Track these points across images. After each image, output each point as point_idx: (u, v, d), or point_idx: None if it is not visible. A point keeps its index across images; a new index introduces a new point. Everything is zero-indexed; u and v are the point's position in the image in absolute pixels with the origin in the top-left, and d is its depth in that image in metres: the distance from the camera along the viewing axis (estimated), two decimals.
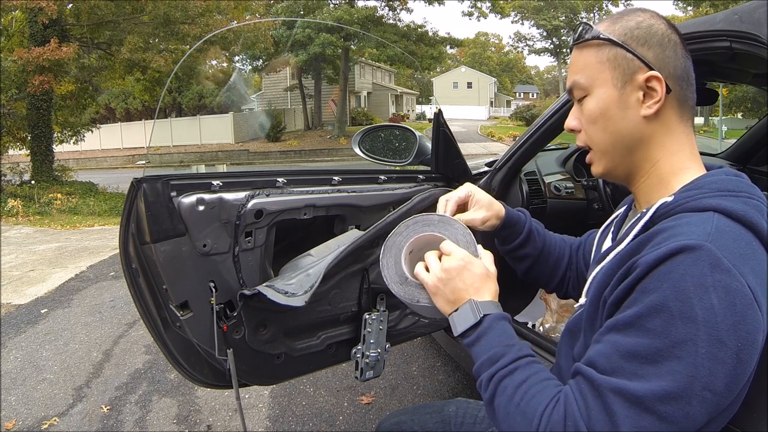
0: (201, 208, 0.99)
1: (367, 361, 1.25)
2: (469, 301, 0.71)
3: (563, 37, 36.32)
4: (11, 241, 6.22)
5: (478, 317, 0.70)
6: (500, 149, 17.21)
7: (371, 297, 1.27)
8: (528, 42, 43.91)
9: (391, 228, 0.82)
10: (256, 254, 1.10)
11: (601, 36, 0.69)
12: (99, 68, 13.20)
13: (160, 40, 13.18)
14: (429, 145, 1.45)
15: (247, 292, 1.04)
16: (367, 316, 1.25)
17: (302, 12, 21.28)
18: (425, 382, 2.37)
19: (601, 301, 0.64)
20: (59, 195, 10.33)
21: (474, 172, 1.67)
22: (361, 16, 21.29)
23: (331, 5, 22.41)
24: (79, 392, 2.35)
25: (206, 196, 1.00)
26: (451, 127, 1.39)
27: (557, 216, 1.95)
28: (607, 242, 0.79)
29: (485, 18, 27.37)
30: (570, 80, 0.74)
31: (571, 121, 0.76)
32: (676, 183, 0.68)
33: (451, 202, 0.89)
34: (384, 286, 0.80)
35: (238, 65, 27.51)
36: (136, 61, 12.50)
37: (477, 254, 0.77)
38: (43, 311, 3.46)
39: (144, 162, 22.64)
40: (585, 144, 0.75)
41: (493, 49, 60.04)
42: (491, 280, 0.74)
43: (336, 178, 1.21)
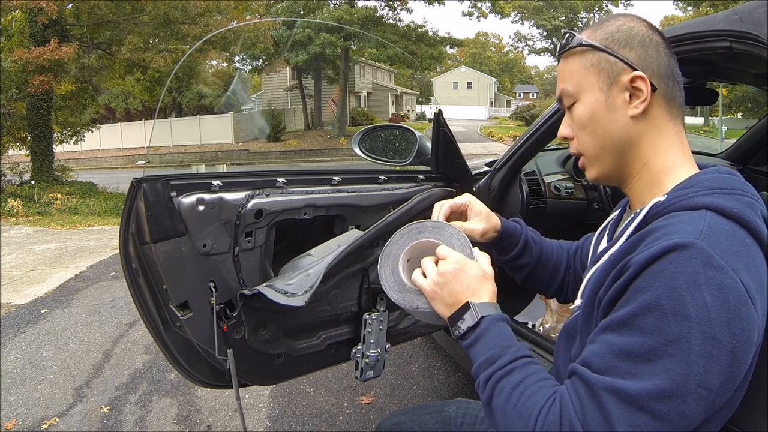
0: (201, 208, 0.99)
1: (367, 361, 1.25)
2: (466, 303, 0.71)
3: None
4: (11, 241, 6.22)
5: (476, 319, 0.70)
6: (500, 149, 17.21)
7: (371, 297, 1.28)
8: (528, 42, 44.01)
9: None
10: (256, 254, 1.10)
11: (584, 42, 0.71)
12: (99, 68, 13.19)
13: (160, 40, 13.17)
14: (429, 145, 1.45)
15: (247, 292, 1.04)
16: (367, 316, 1.25)
17: (302, 12, 21.28)
18: (425, 382, 2.37)
19: (595, 302, 0.65)
20: (59, 195, 10.33)
21: (474, 172, 1.67)
22: (361, 16, 21.28)
23: (331, 5, 22.40)
24: (79, 392, 2.35)
25: (206, 196, 1.00)
26: (451, 127, 1.39)
27: (557, 216, 1.95)
28: (603, 244, 0.79)
29: (485, 18, 27.35)
30: (559, 89, 0.76)
31: (564, 129, 0.77)
32: (668, 182, 0.68)
33: (445, 206, 0.90)
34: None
35: (238, 66, 27.52)
36: (136, 61, 12.49)
37: (473, 257, 0.77)
38: (43, 311, 3.46)
39: (144, 162, 22.64)
40: (577, 150, 0.76)
41: (493, 49, 60.08)
42: (488, 281, 0.74)
43: (336, 178, 1.21)
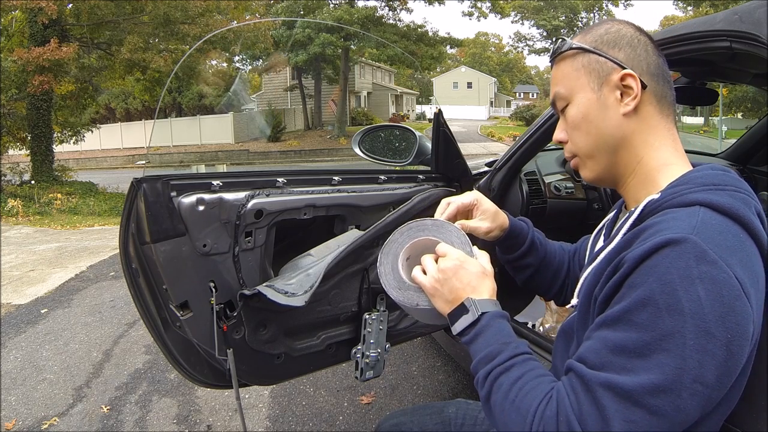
0: (201, 208, 0.99)
1: (367, 361, 1.25)
2: (467, 299, 0.71)
3: (563, 37, 36.24)
4: (11, 241, 6.22)
5: (476, 315, 0.70)
6: (500, 149, 17.21)
7: (371, 297, 1.28)
8: (528, 42, 43.95)
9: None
10: (256, 254, 1.10)
11: (574, 46, 0.73)
12: (99, 68, 13.19)
13: (160, 40, 13.17)
14: (429, 145, 1.45)
15: (247, 292, 1.04)
16: (367, 316, 1.25)
17: (302, 12, 21.27)
18: (425, 382, 2.37)
19: (591, 300, 0.65)
20: (59, 195, 10.32)
21: (474, 172, 1.67)
22: (361, 16, 21.27)
23: (331, 5, 22.39)
24: (79, 392, 2.35)
25: (206, 196, 1.00)
26: (451, 127, 1.39)
27: (557, 216, 1.95)
28: (599, 244, 0.80)
29: (485, 18, 27.33)
30: (552, 93, 0.77)
31: (559, 133, 0.78)
32: (662, 179, 0.68)
33: (452, 206, 0.89)
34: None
35: (238, 66, 27.53)
36: (136, 61, 12.48)
37: (472, 254, 0.77)
38: (43, 311, 3.45)
39: (144, 162, 22.64)
40: (572, 153, 0.77)
41: (493, 49, 60.06)
42: (488, 278, 0.75)
43: (336, 178, 1.21)
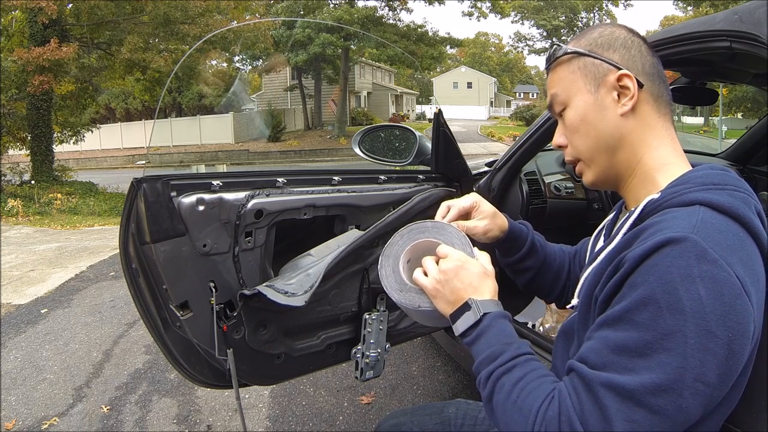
0: (201, 208, 0.99)
1: (367, 361, 1.25)
2: (468, 300, 0.71)
3: (563, 37, 36.27)
4: (11, 241, 6.22)
5: (478, 316, 0.70)
6: (500, 149, 17.21)
7: (371, 297, 1.28)
8: (528, 42, 43.91)
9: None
10: (256, 254, 1.10)
11: (569, 51, 0.74)
12: (99, 68, 13.19)
13: (160, 40, 13.17)
14: (429, 145, 1.45)
15: (247, 292, 1.04)
16: (367, 316, 1.25)
17: (302, 12, 21.27)
18: (425, 382, 2.37)
19: (592, 300, 0.65)
20: (59, 195, 10.32)
21: (474, 172, 1.67)
22: (361, 16, 21.27)
23: (331, 5, 22.39)
24: (79, 392, 2.35)
25: (206, 196, 1.00)
26: (451, 127, 1.39)
27: (557, 216, 1.95)
28: (600, 244, 0.80)
29: (485, 18, 27.35)
30: (549, 97, 0.78)
31: (558, 138, 0.78)
32: (661, 179, 0.69)
33: (453, 209, 0.89)
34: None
35: (238, 66, 27.51)
36: (136, 61, 12.48)
37: (473, 255, 0.77)
38: (43, 311, 3.45)
39: (144, 162, 22.64)
40: (572, 157, 0.77)
41: (493, 49, 60.05)
42: (489, 279, 0.75)
43: (336, 178, 1.21)
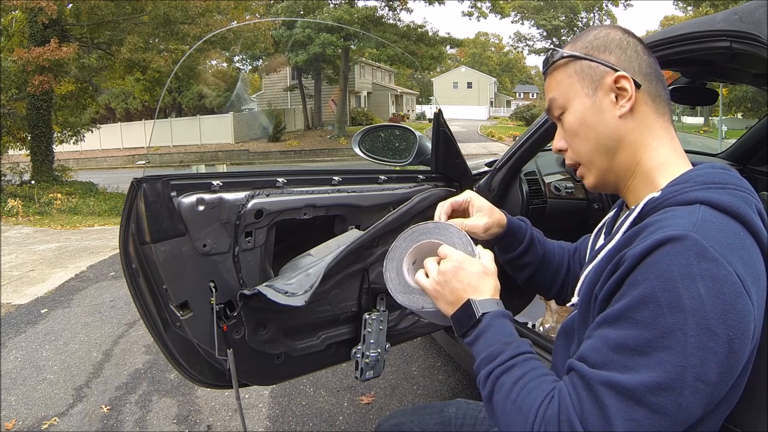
0: (201, 208, 0.99)
1: (367, 361, 1.25)
2: (468, 300, 0.71)
3: (563, 37, 36.26)
4: (11, 241, 6.22)
5: (477, 316, 0.70)
6: (500, 149, 17.21)
7: (371, 297, 1.27)
8: (528, 42, 43.88)
9: (391, 228, 0.83)
10: (256, 254, 1.10)
11: (565, 54, 0.74)
12: (99, 68, 13.18)
13: (160, 40, 13.17)
14: (429, 145, 1.45)
15: (247, 292, 1.04)
16: (367, 316, 1.25)
17: (302, 12, 21.27)
18: (425, 382, 2.37)
19: (592, 298, 0.65)
20: (59, 195, 10.32)
21: (474, 172, 1.67)
22: (361, 16, 21.27)
23: (331, 5, 22.38)
24: (79, 392, 2.35)
25: (206, 196, 1.00)
26: (451, 127, 1.39)
27: (557, 216, 1.95)
28: (600, 242, 0.80)
29: (485, 18, 27.37)
30: (547, 100, 0.78)
31: (558, 142, 0.78)
32: (661, 178, 0.69)
33: (446, 204, 0.91)
34: (384, 285, 0.81)
35: (239, 66, 27.51)
36: (136, 61, 12.48)
37: (474, 254, 0.77)
38: (43, 311, 3.45)
39: (144, 162, 22.64)
40: (573, 161, 0.77)
41: (493, 49, 60.03)
42: (490, 278, 0.74)
43: (336, 178, 1.21)
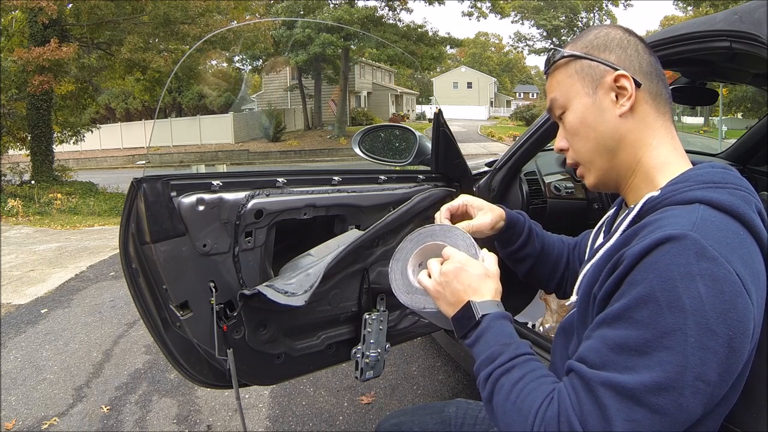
0: (201, 208, 0.99)
1: (367, 361, 1.25)
2: (468, 302, 0.71)
3: (563, 37, 36.24)
4: (11, 241, 6.21)
5: (477, 317, 0.70)
6: (500, 149, 17.20)
7: (371, 297, 1.27)
8: (528, 42, 43.85)
9: (391, 228, 0.83)
10: (256, 254, 1.10)
11: (565, 54, 0.74)
12: (99, 68, 13.18)
13: (160, 40, 13.17)
14: (429, 145, 1.45)
15: (247, 292, 1.04)
16: (367, 316, 1.25)
17: (302, 12, 21.27)
18: (425, 382, 2.37)
19: (591, 297, 0.65)
20: (59, 195, 10.32)
21: (474, 172, 1.67)
22: (361, 16, 21.26)
23: (331, 5, 22.39)
24: (79, 392, 2.35)
25: (206, 196, 1.00)
26: (451, 127, 1.39)
27: (557, 216, 1.95)
28: (599, 240, 0.80)
29: (485, 18, 27.37)
30: (548, 100, 0.78)
31: (559, 142, 0.79)
32: (661, 177, 0.69)
33: (443, 210, 0.92)
34: (384, 285, 0.81)
35: (239, 66, 27.51)
36: (136, 61, 12.47)
37: (478, 256, 0.77)
38: (43, 311, 3.46)
39: (144, 162, 22.63)
40: (574, 161, 0.77)
41: (493, 49, 60.05)
42: (491, 280, 0.74)
43: (336, 178, 1.21)
